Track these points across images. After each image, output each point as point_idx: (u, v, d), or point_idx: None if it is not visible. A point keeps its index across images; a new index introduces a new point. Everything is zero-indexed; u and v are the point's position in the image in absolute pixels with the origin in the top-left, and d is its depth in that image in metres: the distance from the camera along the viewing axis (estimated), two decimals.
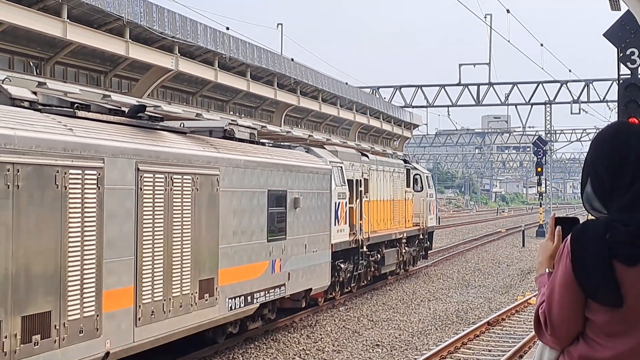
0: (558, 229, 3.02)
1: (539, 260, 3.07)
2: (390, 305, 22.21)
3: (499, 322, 19.32)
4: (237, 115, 32.38)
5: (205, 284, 12.99)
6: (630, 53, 15.52)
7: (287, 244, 16.33)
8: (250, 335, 16.53)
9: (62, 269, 9.60)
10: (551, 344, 2.92)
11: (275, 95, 33.55)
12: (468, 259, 36.78)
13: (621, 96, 14.48)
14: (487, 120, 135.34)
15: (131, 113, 12.48)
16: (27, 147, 9.11)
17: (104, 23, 21.79)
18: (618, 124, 2.98)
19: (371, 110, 45.81)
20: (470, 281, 28.25)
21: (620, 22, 15.52)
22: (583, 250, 2.79)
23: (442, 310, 21.35)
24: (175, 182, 12.12)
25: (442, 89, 50.73)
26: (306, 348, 16.12)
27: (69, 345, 9.63)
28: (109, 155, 10.50)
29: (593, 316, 2.82)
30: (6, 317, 8.68)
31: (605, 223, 2.80)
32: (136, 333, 11.12)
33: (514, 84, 51.22)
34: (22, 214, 9.02)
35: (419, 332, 18.15)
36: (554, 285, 2.86)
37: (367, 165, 24.06)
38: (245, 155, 14.76)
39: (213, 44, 26.68)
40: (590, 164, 2.93)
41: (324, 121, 43.55)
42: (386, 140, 52.30)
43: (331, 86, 39.37)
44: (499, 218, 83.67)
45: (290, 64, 34.27)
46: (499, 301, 23.24)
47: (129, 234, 10.93)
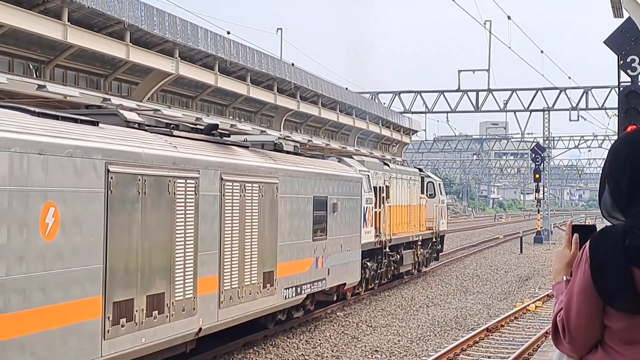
0: (575, 236, 3.00)
1: (555, 268, 3.05)
2: (389, 311, 22.20)
3: (498, 328, 19.33)
4: (236, 119, 32.40)
5: (267, 276, 15.43)
6: (630, 60, 15.51)
7: (327, 243, 18.66)
8: (250, 340, 16.51)
9: (171, 259, 11.92)
10: (569, 352, 2.89)
11: (275, 99, 33.60)
12: (466, 265, 36.82)
13: (621, 103, 14.46)
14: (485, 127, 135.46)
15: (207, 130, 14.84)
16: (150, 162, 11.40)
17: (104, 26, 21.81)
18: (636, 131, 2.97)
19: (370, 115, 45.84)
20: (469, 287, 28.26)
21: (621, 30, 15.52)
22: (602, 257, 2.77)
23: (441, 316, 21.35)
24: (247, 189, 14.60)
25: (441, 95, 50.82)
26: (305, 353, 16.11)
27: (176, 321, 12.01)
28: (202, 167, 12.95)
29: (611, 323, 2.79)
30: (136, 296, 10.96)
31: (623, 229, 2.78)
32: (219, 314, 13.55)
33: (513, 91, 51.32)
34: (146, 215, 11.23)
35: (418, 338, 18.14)
36: (572, 293, 2.84)
37: (388, 173, 26.43)
38: (295, 165, 17.25)
39: (213, 48, 26.71)
40: (608, 171, 2.92)
41: (323, 126, 43.61)
42: (385, 145, 52.35)
43: (331, 91, 39.43)
44: (496, 224, 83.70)
45: (291, 69, 34.32)
46: (497, 307, 23.24)
47: (215, 232, 13.35)
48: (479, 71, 51.35)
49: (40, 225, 9.10)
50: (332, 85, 40.37)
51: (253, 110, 35.97)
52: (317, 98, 38.65)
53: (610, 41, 15.56)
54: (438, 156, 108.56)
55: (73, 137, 9.90)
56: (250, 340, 16.58)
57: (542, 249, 47.43)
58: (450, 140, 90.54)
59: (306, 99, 37.88)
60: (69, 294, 9.58)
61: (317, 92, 37.79)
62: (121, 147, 10.81)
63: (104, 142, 10.46)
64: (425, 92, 51.71)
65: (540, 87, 50.79)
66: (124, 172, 10.68)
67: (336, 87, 41.11)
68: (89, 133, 10.41)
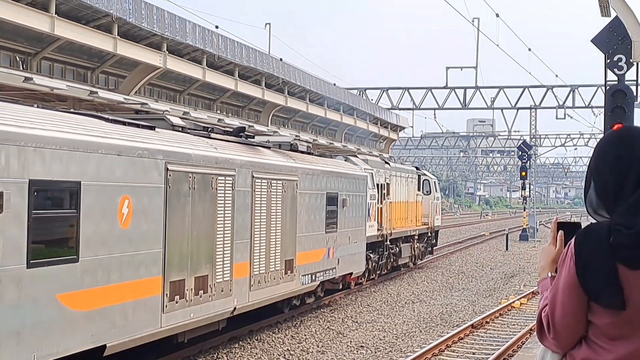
0: (560, 233, 3.02)
1: (541, 265, 3.07)
2: (375, 306, 22.22)
3: (483, 324, 19.36)
4: (224, 114, 32.32)
5: (288, 263, 17.15)
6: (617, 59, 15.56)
7: (337, 235, 20.31)
8: (235, 335, 16.50)
9: (213, 246, 13.65)
10: (553, 347, 2.92)
11: (262, 94, 33.50)
12: (452, 261, 36.87)
13: (608, 102, 14.47)
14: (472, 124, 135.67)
15: (235, 132, 16.37)
16: (198, 162, 13.10)
17: (92, 19, 21.69)
18: (622, 129, 2.98)
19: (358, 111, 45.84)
20: (454, 284, 28.29)
21: (608, 29, 15.55)
22: (587, 254, 2.79)
23: (426, 313, 21.37)
24: (272, 185, 16.21)
25: (428, 92, 50.76)
26: (290, 348, 16.10)
27: (216, 300, 13.76)
28: (238, 166, 14.64)
29: (596, 319, 2.81)
30: (187, 277, 12.66)
31: (608, 227, 2.81)
32: (250, 295, 15.30)
33: (501, 88, 51.32)
34: (195, 207, 12.92)
35: (403, 334, 18.16)
36: (558, 289, 2.85)
37: (388, 171, 27.99)
38: (311, 164, 18.85)
39: (201, 42, 26.61)
40: (594, 168, 2.93)
41: (311, 122, 43.54)
42: (372, 142, 52.33)
43: (319, 87, 39.36)
44: (482, 221, 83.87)
45: (279, 64, 34.25)
46: (483, 304, 23.28)
47: (247, 223, 15.07)
48: (467, 68, 51.28)
49: (118, 214, 10.78)
50: (320, 81, 40.32)
51: (241, 105, 35.89)
52: (305, 93, 38.61)
53: (598, 40, 15.61)
54: (425, 153, 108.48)
55: (140, 140, 11.54)
56: (236, 335, 16.60)
57: (527, 247, 47.55)
58: (437, 137, 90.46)
59: (294, 95, 37.83)
60: (137, 273, 11.27)
61: (305, 88, 37.73)
62: (176, 148, 12.50)
63: (163, 145, 12.12)
64: (413, 89, 51.59)
65: (527, 85, 50.80)
66: (179, 170, 12.40)
67: (324, 83, 41.07)
68: (151, 137, 12.02)
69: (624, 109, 14.08)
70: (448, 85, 50.03)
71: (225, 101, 34.15)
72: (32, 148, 9.07)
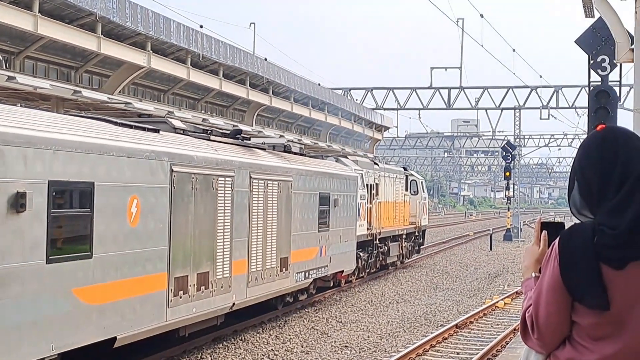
0: (544, 233, 3.02)
1: (524, 265, 3.06)
2: (359, 306, 22.21)
3: (467, 324, 19.38)
4: (208, 114, 32.25)
5: (283, 261, 17.70)
6: (601, 60, 15.62)
7: (329, 234, 20.95)
8: (219, 335, 16.47)
9: (214, 243, 14.23)
10: (537, 347, 2.91)
11: (247, 94, 33.43)
12: (436, 261, 36.91)
13: (591, 103, 14.51)
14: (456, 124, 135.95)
15: (232, 135, 16.91)
16: (200, 163, 13.67)
17: (75, 18, 21.57)
18: (606, 129, 2.98)
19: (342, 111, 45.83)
20: (439, 284, 28.32)
21: (592, 29, 15.61)
22: (571, 254, 2.79)
23: (410, 313, 21.37)
24: (269, 186, 16.81)
25: (413, 92, 50.79)
26: (275, 349, 16.07)
27: (217, 295, 14.35)
28: (237, 167, 15.23)
29: (580, 319, 2.81)
30: (190, 273, 13.25)
31: (592, 227, 2.80)
32: (248, 292, 15.86)
33: (485, 89, 51.41)
34: (197, 206, 13.50)
35: (387, 334, 18.16)
36: (542, 289, 2.85)
37: (377, 172, 28.57)
38: (305, 165, 19.41)
39: (186, 42, 26.53)
40: (577, 169, 2.93)
41: (296, 122, 43.51)
42: (357, 142, 52.35)
43: (303, 87, 39.32)
44: (467, 221, 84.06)
45: (263, 64, 34.19)
46: (467, 304, 23.31)
47: (245, 222, 15.63)
48: (451, 69, 51.41)
49: (127, 213, 11.37)
50: (304, 81, 40.30)
51: (225, 104, 35.81)
52: (289, 93, 38.56)
53: (581, 41, 15.67)
54: (409, 153, 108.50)
55: (147, 143, 12.14)
56: (220, 335, 16.55)
57: (511, 246, 47.67)
58: (421, 137, 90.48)
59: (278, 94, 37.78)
60: (145, 269, 11.88)
61: (290, 88, 37.70)
62: (180, 150, 13.11)
63: (168, 147, 12.72)
64: (397, 89, 51.58)
65: (511, 86, 50.91)
66: (183, 171, 13.00)
67: (309, 83, 41.04)
68: (156, 139, 12.61)
69: (608, 110, 14.13)
70: (432, 86, 50.05)
71: (209, 101, 34.07)
72: (51, 151, 9.64)
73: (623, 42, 12.93)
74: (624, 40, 12.93)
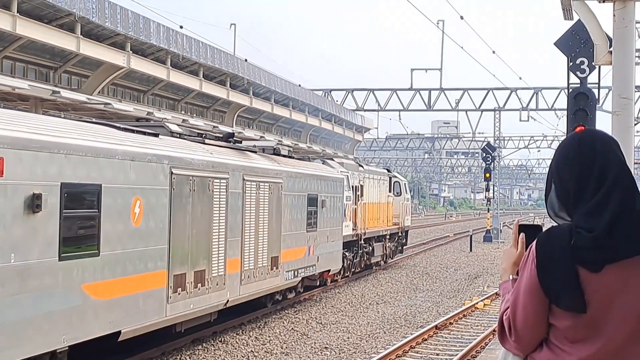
0: (522, 235, 3.02)
1: (502, 267, 3.06)
2: (339, 308, 22.20)
3: (447, 326, 19.41)
4: (188, 114, 32.15)
5: (274, 260, 18.33)
6: (580, 62, 15.66)
7: (317, 234, 21.62)
8: (198, 337, 16.41)
9: (210, 242, 14.86)
10: (515, 350, 2.91)
11: (227, 95, 33.37)
12: (416, 263, 36.96)
13: (570, 105, 14.56)
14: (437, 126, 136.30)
15: (225, 138, 17.51)
16: (197, 166, 14.33)
17: (54, 18, 21.47)
18: (583, 132, 2.98)
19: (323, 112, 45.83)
20: (419, 285, 28.36)
21: (571, 32, 15.65)
22: (548, 256, 2.79)
23: (390, 314, 21.38)
24: (261, 187, 17.46)
25: (393, 93, 50.90)
26: (254, 350, 16.04)
27: (212, 293, 15.03)
28: (231, 170, 15.86)
29: (557, 322, 2.81)
30: (187, 271, 13.91)
31: (569, 229, 2.81)
32: (241, 289, 16.51)
33: (465, 90, 51.62)
34: (195, 207, 14.15)
35: (367, 335, 18.16)
36: (519, 291, 2.85)
37: (362, 174, 29.23)
38: (294, 168, 20.02)
39: (166, 42, 26.45)
40: (555, 171, 2.92)
41: (276, 123, 43.47)
42: (337, 143, 52.37)
43: (284, 88, 39.28)
44: (447, 222, 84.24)
45: (244, 65, 34.14)
46: (446, 305, 23.35)
47: (238, 222, 16.27)
48: (432, 70, 51.57)
49: (131, 213, 12.03)
50: (285, 82, 40.27)
51: (205, 105, 35.73)
52: (270, 94, 38.51)
53: (561, 43, 15.70)
54: (390, 154, 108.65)
55: (149, 147, 12.79)
56: (199, 337, 16.50)
57: (491, 248, 47.80)
58: (402, 138, 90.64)
59: (259, 95, 37.73)
60: (147, 267, 12.53)
61: (270, 89, 37.65)
62: (179, 154, 13.75)
63: (167, 150, 13.36)
64: (378, 90, 51.69)
65: (491, 87, 51.15)
66: (182, 174, 13.66)
67: (289, 84, 41.01)
68: (157, 144, 13.27)
69: (586, 112, 14.18)
70: (413, 87, 50.19)
71: (189, 101, 33.97)
72: (63, 155, 10.27)
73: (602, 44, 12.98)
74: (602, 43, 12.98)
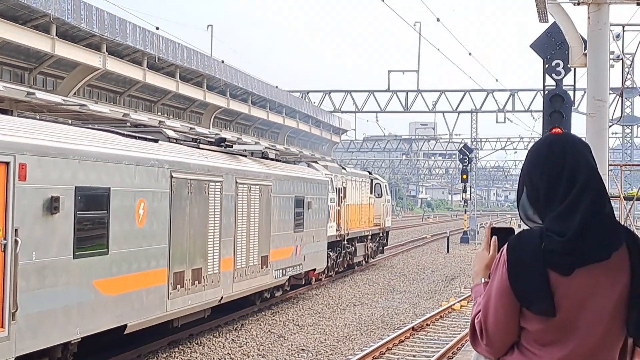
0: (494, 238, 3.02)
1: (474, 270, 3.06)
2: (316, 309, 22.20)
3: (424, 327, 19.45)
4: (165, 116, 32.04)
5: (264, 259, 19.17)
6: (555, 64, 15.74)
7: (303, 234, 22.48)
8: (175, 339, 16.36)
9: (206, 242, 15.69)
10: (486, 353, 2.92)
11: (204, 97, 33.29)
12: (394, 264, 37.02)
13: (546, 107, 14.62)
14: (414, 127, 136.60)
15: (217, 142, 18.14)
16: (195, 169, 15.17)
17: (29, 19, 21.34)
18: (553, 135, 2.98)
19: (300, 114, 45.81)
20: (396, 286, 28.39)
21: (547, 34, 15.73)
22: (519, 260, 2.79)
23: (367, 315, 21.40)
24: (252, 190, 18.26)
25: (371, 95, 51.00)
26: (231, 352, 16.00)
27: (208, 289, 15.86)
28: (224, 173, 16.67)
29: (528, 325, 2.82)
30: (186, 269, 14.76)
31: (540, 233, 2.81)
32: (234, 286, 17.33)
33: (442, 92, 51.82)
34: (192, 209, 15.00)
35: (344, 337, 18.16)
36: (490, 295, 2.85)
37: (345, 176, 30.14)
38: (282, 171, 20.88)
39: (142, 44, 26.34)
40: (526, 174, 2.93)
41: (253, 124, 43.41)
42: (315, 144, 52.37)
43: (261, 89, 39.24)
44: (424, 224, 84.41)
45: (221, 66, 34.07)
46: (423, 307, 23.38)
47: (231, 223, 17.07)
48: (409, 72, 51.74)
49: (136, 215, 12.84)
50: (262, 83, 40.22)
51: (182, 107, 35.61)
52: (247, 96, 38.44)
53: (536, 45, 15.78)
54: (367, 156, 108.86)
55: (152, 152, 13.58)
56: (176, 339, 16.43)
57: (468, 249, 47.96)
58: (379, 140, 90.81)
59: (236, 97, 37.65)
60: (150, 264, 13.36)
61: (247, 90, 37.58)
62: (178, 158, 14.58)
63: (167, 155, 14.18)
64: (355, 92, 51.83)
65: (468, 89, 51.42)
66: (181, 177, 14.47)
67: (266, 85, 40.97)
68: (158, 149, 14.04)
69: (562, 114, 14.25)
70: (390, 89, 50.32)
71: (166, 103, 33.84)
72: (77, 160, 11.10)
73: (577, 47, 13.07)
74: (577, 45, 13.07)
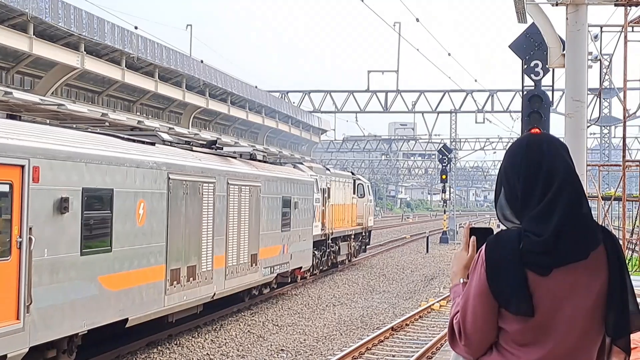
0: (472, 239, 3.01)
1: (453, 271, 3.05)
2: (296, 309, 22.18)
3: (403, 327, 19.47)
4: (144, 116, 31.92)
5: (253, 257, 19.90)
6: (534, 65, 15.83)
7: (290, 234, 23.28)
8: (154, 340, 16.30)
9: (200, 241, 16.37)
10: (464, 353, 2.91)
11: (183, 96, 33.20)
12: (373, 264, 37.06)
13: (525, 107, 14.66)
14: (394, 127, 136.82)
15: (208, 145, 18.88)
16: (190, 171, 15.87)
17: (6, 18, 21.20)
18: (531, 134, 2.98)
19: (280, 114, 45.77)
20: (375, 287, 28.42)
21: (525, 35, 15.82)
22: (497, 260, 2.79)
23: (347, 316, 21.40)
24: (242, 190, 18.96)
25: (350, 95, 51.04)
26: (210, 353, 15.96)
27: (202, 286, 16.56)
28: (217, 175, 17.35)
29: (506, 325, 2.82)
30: (182, 266, 15.43)
31: (518, 233, 2.81)
32: (225, 283, 18.02)
33: (421, 92, 51.94)
34: (187, 209, 15.66)
35: (324, 337, 18.16)
36: (469, 295, 2.85)
37: (329, 177, 30.86)
38: (270, 172, 21.57)
39: (120, 43, 26.23)
40: (503, 174, 2.92)
41: (233, 124, 43.33)
42: (294, 145, 52.33)
43: (240, 89, 39.18)
44: (404, 224, 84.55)
45: (200, 66, 33.99)
46: (403, 307, 23.41)
47: (223, 222, 17.76)
48: (388, 72, 51.80)
49: (136, 214, 13.52)
50: (241, 83, 40.15)
51: (161, 106, 35.49)
52: (226, 96, 38.37)
53: (515, 46, 15.86)
54: (347, 156, 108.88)
55: (150, 154, 14.27)
56: (154, 340, 16.38)
57: (447, 249, 48.06)
58: (359, 140, 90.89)
59: (215, 97, 37.57)
60: (149, 262, 14.03)
61: (227, 90, 37.51)
62: (175, 161, 15.28)
63: (164, 158, 14.87)
64: (334, 92, 51.85)
65: (447, 90, 51.57)
66: (177, 179, 15.16)
67: (246, 85, 40.91)
68: (155, 151, 14.71)
69: (541, 114, 14.29)
70: (370, 89, 50.37)
71: (145, 103, 33.71)
72: (83, 163, 11.77)
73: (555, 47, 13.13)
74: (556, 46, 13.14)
